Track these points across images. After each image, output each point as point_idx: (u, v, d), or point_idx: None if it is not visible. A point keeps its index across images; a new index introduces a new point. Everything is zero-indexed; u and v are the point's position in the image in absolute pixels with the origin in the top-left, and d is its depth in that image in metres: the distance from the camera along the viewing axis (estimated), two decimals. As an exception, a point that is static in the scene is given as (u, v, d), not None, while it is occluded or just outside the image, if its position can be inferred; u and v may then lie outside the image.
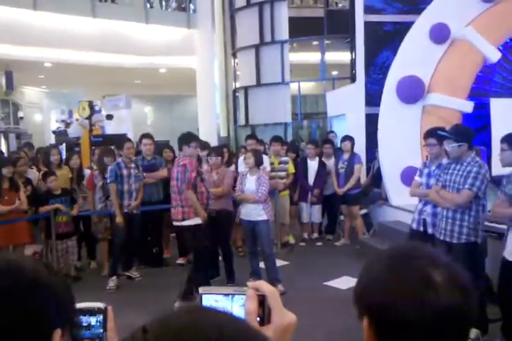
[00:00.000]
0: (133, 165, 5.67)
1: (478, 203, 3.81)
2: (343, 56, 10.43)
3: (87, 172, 6.35)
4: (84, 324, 0.83)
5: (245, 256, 5.87)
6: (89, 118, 8.48)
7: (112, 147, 6.33)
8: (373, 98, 7.54)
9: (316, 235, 7.44)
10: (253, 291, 0.77)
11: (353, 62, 8.70)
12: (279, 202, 6.75)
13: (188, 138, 5.09)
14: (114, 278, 5.37)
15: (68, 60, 11.90)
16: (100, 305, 0.85)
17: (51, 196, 5.46)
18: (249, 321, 0.75)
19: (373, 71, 7.95)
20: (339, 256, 6.52)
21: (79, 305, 0.83)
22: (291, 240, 7.19)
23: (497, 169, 4.24)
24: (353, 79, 8.88)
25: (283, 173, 6.82)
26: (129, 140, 6.02)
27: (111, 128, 8.85)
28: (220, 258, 5.65)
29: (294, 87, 11.56)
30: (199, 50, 12.80)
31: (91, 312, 0.84)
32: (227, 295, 0.80)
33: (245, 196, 5.27)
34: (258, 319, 0.77)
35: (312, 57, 12.21)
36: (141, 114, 16.00)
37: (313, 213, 7.26)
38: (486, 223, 4.22)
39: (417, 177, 4.52)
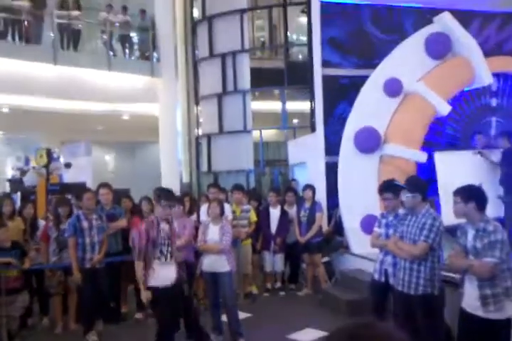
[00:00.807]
0: (94, 216, 5.47)
1: (433, 254, 3.90)
2: (303, 105, 10.75)
3: (41, 222, 6.14)
4: None
5: (207, 309, 5.71)
6: (46, 166, 8.31)
7: (69, 196, 6.17)
8: (333, 147, 7.74)
9: (279, 284, 7.35)
10: None
11: (312, 112, 8.98)
12: (242, 251, 6.68)
13: (159, 195, 4.74)
14: (93, 331, 5.07)
15: (27, 105, 11.73)
16: None
17: (0, 249, 5.21)
18: None
19: (332, 121, 8.22)
20: (302, 307, 6.44)
21: None
22: (255, 290, 7.07)
23: (448, 219, 4.39)
24: (312, 128, 9.14)
25: (245, 222, 6.80)
26: (89, 190, 5.87)
27: (69, 176, 8.67)
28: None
29: (256, 134, 11.77)
30: (162, 97, 12.93)
31: None
32: None
33: (208, 246, 5.19)
34: None
35: (273, 105, 12.55)
36: (101, 160, 15.79)
37: (275, 262, 7.20)
38: (443, 273, 4.30)
39: (376, 228, 4.61)
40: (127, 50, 13.46)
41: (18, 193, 8.63)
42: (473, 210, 3.47)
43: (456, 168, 6.48)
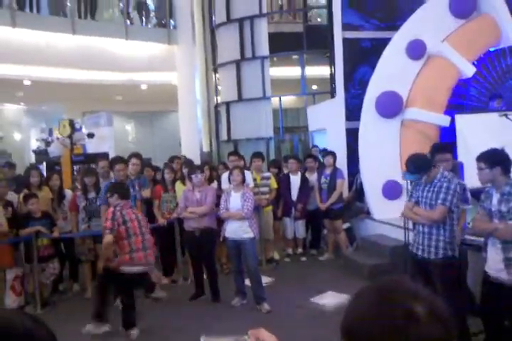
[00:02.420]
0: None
1: (452, 217, 3.88)
2: (323, 70, 10.57)
3: (68, 192, 6.28)
4: None
5: (230, 273, 5.85)
6: (70, 136, 8.42)
7: (93, 166, 6.26)
8: (353, 113, 7.64)
9: (300, 250, 7.45)
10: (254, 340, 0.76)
11: (332, 77, 8.82)
12: (263, 217, 6.75)
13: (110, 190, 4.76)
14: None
15: (48, 77, 11.81)
16: None
17: (31, 219, 5.38)
18: None
19: (352, 86, 8.07)
20: (324, 271, 6.54)
21: None
22: (276, 256, 7.18)
23: (471, 183, 4.34)
24: (332, 93, 9.00)
25: (266, 189, 6.84)
26: (122, 160, 5.78)
27: (92, 147, 8.78)
28: (205, 276, 5.62)
29: (275, 101, 11.66)
30: (180, 65, 12.85)
31: None
32: None
33: (231, 213, 5.25)
34: None
35: (292, 71, 12.35)
36: (122, 130, 15.92)
37: (297, 228, 7.28)
38: (467, 236, 4.29)
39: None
40: (144, 18, 13.31)
41: (44, 164, 8.80)
42: (499, 175, 3.44)
43: (478, 131, 6.32)
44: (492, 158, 3.47)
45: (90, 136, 8.73)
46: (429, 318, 0.84)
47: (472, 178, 3.87)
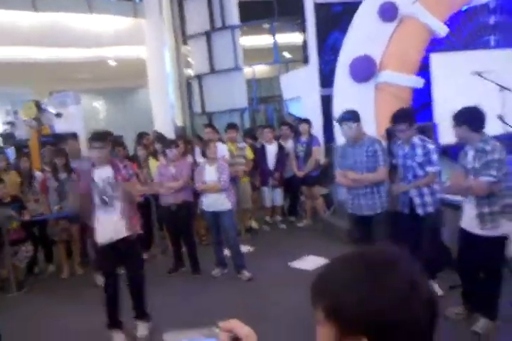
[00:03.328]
0: None
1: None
2: (295, 38, 10.37)
3: (38, 174, 6.10)
4: None
5: (209, 245, 5.82)
6: (36, 118, 8.13)
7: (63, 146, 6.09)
8: (327, 79, 7.52)
9: (279, 218, 7.46)
10: (226, 335, 0.70)
11: (304, 44, 8.64)
12: (241, 188, 6.69)
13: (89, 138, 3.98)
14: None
15: (11, 57, 11.35)
16: None
17: (0, 204, 5.23)
18: None
19: (325, 52, 7.92)
20: (303, 237, 6.58)
21: None
22: (255, 225, 7.18)
23: (444, 139, 4.38)
24: (305, 60, 8.83)
25: (242, 159, 6.76)
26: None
27: (61, 127, 8.50)
28: (184, 249, 5.57)
29: (248, 71, 11.44)
30: (148, 39, 12.43)
31: None
32: (195, 340, 0.69)
33: (208, 186, 5.18)
34: None
35: (264, 40, 12.10)
36: (92, 109, 15.53)
37: (275, 196, 7.26)
38: (444, 195, 4.32)
39: None
40: (107, -9, 12.78)
41: (12, 147, 8.53)
42: (468, 132, 3.44)
43: (454, 71, 6.27)
44: (459, 117, 3.49)
45: (58, 115, 8.43)
46: (419, 278, 0.83)
47: (447, 134, 3.88)
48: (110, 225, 3.81)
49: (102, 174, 3.84)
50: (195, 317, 3.98)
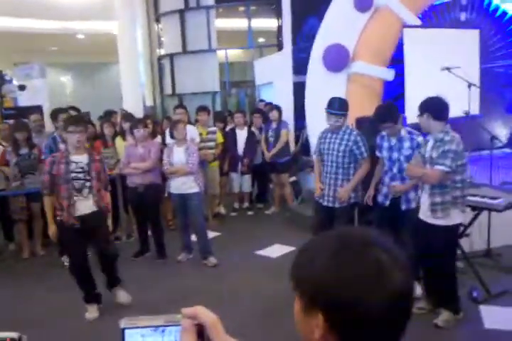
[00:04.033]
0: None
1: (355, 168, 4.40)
2: (270, 23, 10.28)
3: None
4: None
5: (176, 229, 5.79)
6: (-2, 89, 7.83)
7: (25, 120, 5.87)
8: (301, 66, 7.50)
9: (246, 204, 7.48)
10: (189, 321, 0.65)
11: (279, 29, 8.59)
12: (209, 173, 6.66)
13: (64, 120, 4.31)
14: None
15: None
16: (14, 335, 0.68)
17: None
18: None
19: (300, 39, 7.89)
20: (270, 224, 6.61)
21: None
22: (222, 211, 7.18)
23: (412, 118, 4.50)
24: (280, 46, 8.79)
25: (212, 143, 6.70)
26: (66, 111, 5.52)
27: (24, 100, 8.20)
28: (150, 233, 5.53)
29: (221, 54, 11.30)
30: (120, 14, 12.08)
31: None
32: (156, 327, 0.65)
33: (176, 168, 5.13)
34: None
35: (239, 23, 11.94)
36: (58, 83, 15.03)
37: (243, 182, 7.26)
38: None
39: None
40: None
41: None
42: (429, 121, 3.51)
43: (425, 46, 6.42)
44: (423, 106, 3.56)
45: (21, 88, 8.13)
46: (393, 267, 0.80)
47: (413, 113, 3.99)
48: (80, 206, 3.85)
49: (77, 159, 3.85)
50: (159, 303, 3.99)
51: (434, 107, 3.51)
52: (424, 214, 3.61)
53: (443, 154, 3.40)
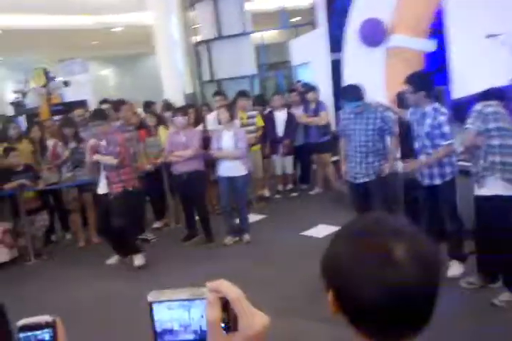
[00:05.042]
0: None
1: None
2: (304, 1, 10.10)
3: (49, 143, 6.15)
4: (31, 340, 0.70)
5: (222, 214, 5.89)
6: (45, 86, 8.12)
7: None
8: (337, 43, 7.36)
9: (290, 186, 7.50)
10: (214, 295, 0.66)
11: (313, 7, 8.43)
12: (252, 157, 6.70)
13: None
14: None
15: (19, 25, 11.25)
16: (48, 318, 0.72)
17: (13, 173, 5.28)
18: (213, 332, 0.65)
19: (335, 15, 7.72)
20: (314, 205, 6.62)
21: (23, 321, 0.71)
22: (267, 193, 7.24)
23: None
24: (314, 25, 8.65)
25: (252, 127, 6.74)
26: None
27: (70, 95, 8.50)
28: (197, 218, 5.66)
29: (256, 37, 11.24)
30: (154, 4, 12.18)
31: (38, 327, 0.71)
32: (182, 301, 0.68)
33: (224, 154, 5.22)
34: (223, 325, 0.66)
35: (272, 4, 11.80)
36: (101, 76, 15.42)
37: (285, 164, 7.28)
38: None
39: None
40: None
41: (23, 116, 8.57)
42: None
43: (469, 12, 6.08)
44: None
45: (66, 84, 8.43)
46: (407, 260, 0.78)
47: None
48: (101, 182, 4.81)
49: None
50: (204, 282, 4.10)
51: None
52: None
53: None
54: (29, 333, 0.71)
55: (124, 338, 3.45)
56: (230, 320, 0.67)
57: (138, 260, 4.90)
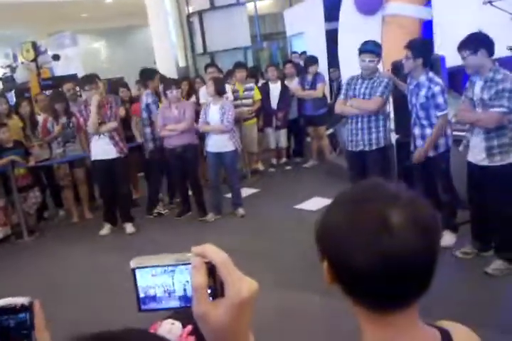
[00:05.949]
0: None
1: (385, 109, 4.25)
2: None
3: (40, 118, 6.05)
4: (5, 325, 0.65)
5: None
6: (34, 60, 7.93)
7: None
8: (332, 12, 7.17)
9: (284, 159, 7.44)
10: (199, 259, 0.63)
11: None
12: (247, 131, 6.63)
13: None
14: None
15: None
16: (24, 300, 0.66)
17: (3, 149, 5.18)
18: (198, 298, 0.61)
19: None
20: (309, 178, 6.60)
21: None
22: (261, 167, 7.19)
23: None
24: (309, -7, 8.42)
25: (249, 101, 6.62)
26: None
27: (60, 69, 8.31)
28: (190, 192, 5.62)
29: (250, 7, 10.95)
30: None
31: (12, 310, 0.65)
32: (166, 266, 0.64)
33: (209, 127, 5.13)
34: (209, 291, 0.62)
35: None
36: (92, 49, 15.11)
37: (279, 138, 7.20)
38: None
39: None
40: None
41: (13, 91, 8.41)
42: (484, 59, 3.28)
43: None
44: (472, 42, 3.30)
45: (56, 57, 8.23)
46: (405, 226, 0.75)
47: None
48: (99, 148, 5.00)
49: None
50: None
51: (488, 42, 3.29)
52: (475, 158, 3.47)
53: (497, 95, 3.22)
54: (5, 316, 0.65)
55: (112, 305, 3.46)
56: (216, 286, 0.63)
57: (130, 228, 5.21)
